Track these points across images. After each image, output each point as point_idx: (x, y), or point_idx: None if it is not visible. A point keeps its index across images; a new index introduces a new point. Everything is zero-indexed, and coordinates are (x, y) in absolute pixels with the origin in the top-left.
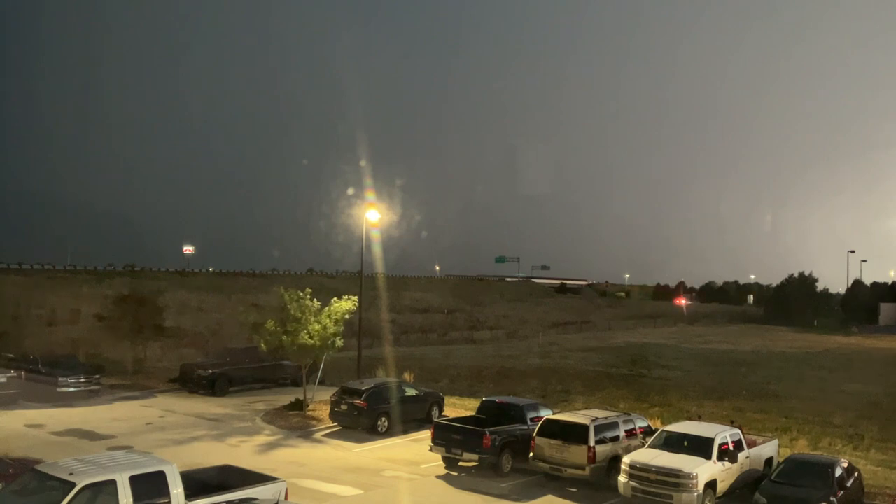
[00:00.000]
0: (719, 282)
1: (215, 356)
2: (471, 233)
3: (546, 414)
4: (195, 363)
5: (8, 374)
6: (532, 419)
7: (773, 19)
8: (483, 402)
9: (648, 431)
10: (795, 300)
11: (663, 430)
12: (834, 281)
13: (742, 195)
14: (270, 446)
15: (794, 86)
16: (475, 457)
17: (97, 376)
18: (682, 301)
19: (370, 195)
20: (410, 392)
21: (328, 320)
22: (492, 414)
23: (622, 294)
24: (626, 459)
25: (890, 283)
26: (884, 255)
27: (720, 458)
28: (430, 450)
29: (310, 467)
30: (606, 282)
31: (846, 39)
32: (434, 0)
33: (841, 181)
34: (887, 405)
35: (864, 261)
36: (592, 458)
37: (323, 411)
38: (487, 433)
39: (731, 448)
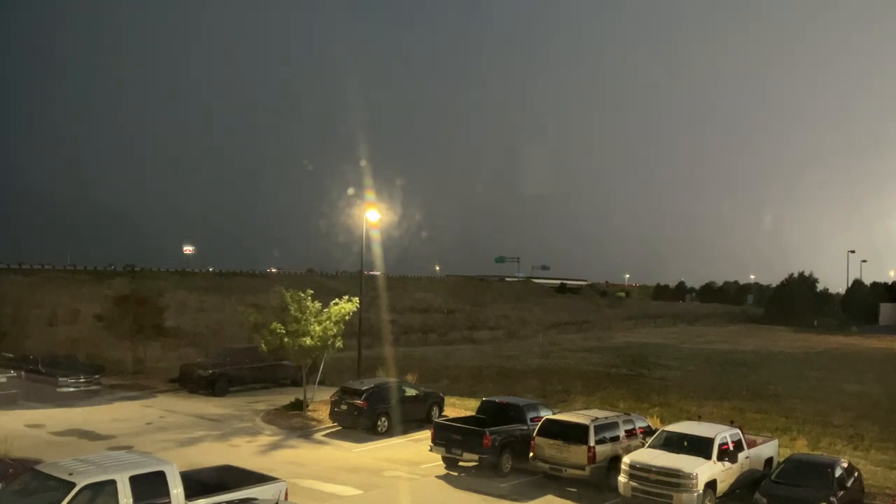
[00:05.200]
0: (719, 282)
1: (215, 356)
2: (471, 233)
3: (546, 414)
4: (195, 363)
5: (8, 374)
6: (532, 419)
7: (774, 19)
8: (483, 402)
9: (648, 431)
10: (795, 300)
11: (663, 430)
12: (834, 281)
13: (742, 195)
14: (271, 446)
15: (795, 85)
16: (475, 457)
17: (97, 376)
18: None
19: (370, 195)
20: (410, 392)
21: (329, 322)
22: (492, 414)
23: (622, 294)
24: (626, 459)
25: (890, 283)
26: (884, 255)
27: (720, 458)
28: (430, 450)
29: (310, 467)
30: (606, 282)
31: (846, 39)
32: (437, 1)
33: (841, 181)
34: (887, 405)
35: (864, 261)
36: (592, 458)
37: (323, 411)
38: (487, 433)
39: (731, 448)
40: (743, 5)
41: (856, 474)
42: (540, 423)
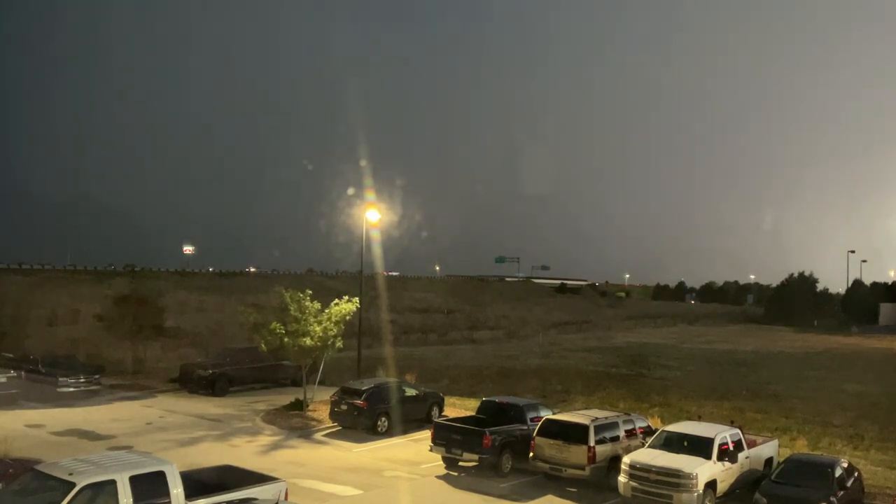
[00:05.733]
0: (719, 282)
1: (215, 356)
2: (471, 233)
3: (546, 414)
4: (195, 363)
5: (8, 374)
6: (532, 419)
7: (774, 18)
8: (483, 402)
9: (648, 431)
10: (795, 300)
11: (663, 430)
12: (834, 281)
13: (742, 195)
14: (270, 446)
15: (795, 85)
16: (475, 457)
17: (97, 376)
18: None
19: (370, 195)
20: (410, 392)
21: (329, 322)
22: (492, 414)
23: (622, 294)
24: (626, 459)
25: (890, 283)
26: (884, 255)
27: (720, 458)
28: (430, 450)
29: (310, 467)
30: (606, 282)
31: (846, 39)
32: (437, 1)
33: (841, 181)
34: (887, 405)
35: (864, 261)
36: (592, 458)
37: (323, 411)
38: (487, 433)
39: (731, 448)
40: (743, 5)
41: (856, 474)
42: (540, 423)
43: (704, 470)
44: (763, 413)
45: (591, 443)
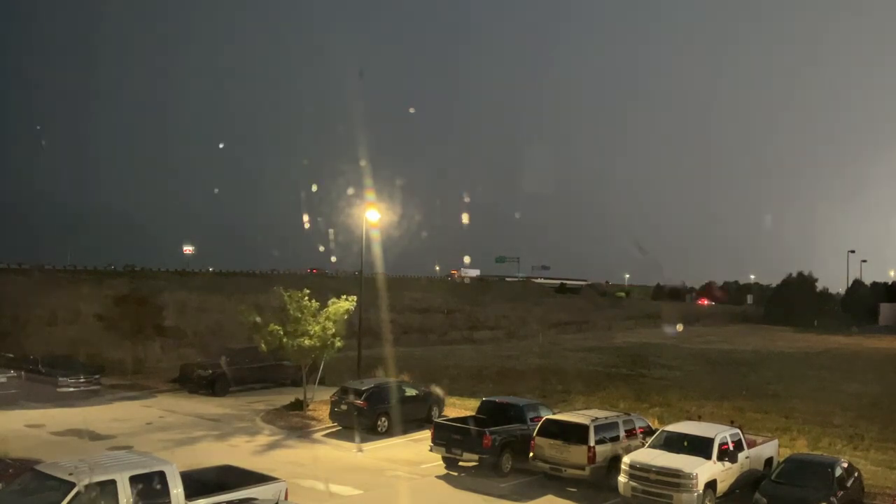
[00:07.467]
0: (719, 282)
1: (216, 356)
2: (471, 232)
3: (546, 414)
4: (195, 363)
5: (8, 374)
6: (532, 419)
7: (775, 17)
8: (483, 402)
9: (648, 431)
10: (795, 300)
11: (663, 430)
12: (834, 281)
13: (743, 195)
14: (270, 446)
15: (795, 85)
16: (475, 457)
17: (97, 376)
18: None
19: (370, 195)
20: (410, 392)
21: (328, 321)
22: (492, 414)
23: (622, 294)
24: (626, 459)
25: (890, 283)
26: (884, 255)
27: (720, 458)
28: (430, 450)
29: (310, 467)
30: (606, 282)
31: (848, 39)
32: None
33: (841, 181)
34: (887, 405)
35: (864, 261)
36: (592, 458)
37: (323, 411)
38: (487, 433)
39: (731, 448)
40: (743, 6)
41: (856, 474)
42: (540, 423)
43: (704, 470)
44: (763, 413)
45: (591, 443)
